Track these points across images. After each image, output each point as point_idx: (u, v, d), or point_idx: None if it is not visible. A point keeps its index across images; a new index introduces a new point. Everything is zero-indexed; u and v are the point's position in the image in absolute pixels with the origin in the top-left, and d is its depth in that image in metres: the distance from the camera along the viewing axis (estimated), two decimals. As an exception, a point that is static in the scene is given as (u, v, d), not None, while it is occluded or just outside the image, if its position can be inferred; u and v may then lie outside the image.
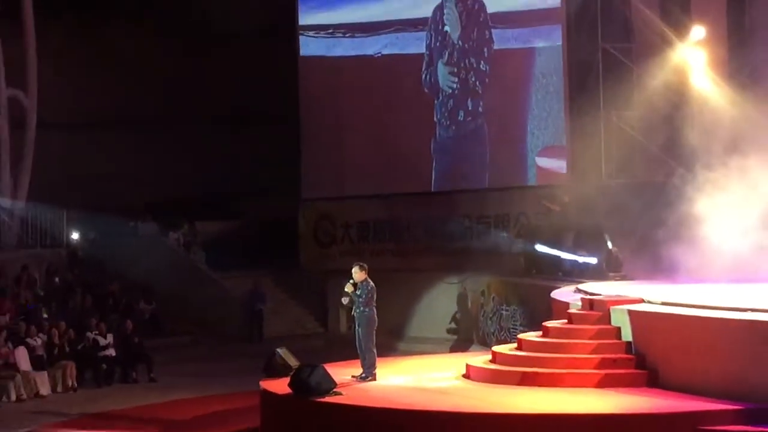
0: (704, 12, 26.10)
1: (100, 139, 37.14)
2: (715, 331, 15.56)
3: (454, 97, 30.81)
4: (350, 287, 17.40)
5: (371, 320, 17.39)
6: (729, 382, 14.95)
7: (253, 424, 18.23)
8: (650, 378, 16.21)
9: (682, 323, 16.15)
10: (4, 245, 32.43)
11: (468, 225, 30.09)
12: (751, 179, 20.17)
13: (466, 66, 30.39)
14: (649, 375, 16.26)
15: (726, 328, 15.45)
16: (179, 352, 28.85)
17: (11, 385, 23.42)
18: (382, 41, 32.49)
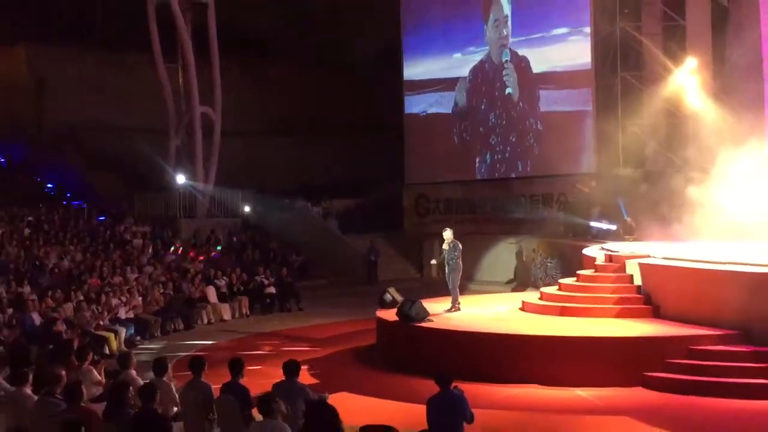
0: (695, 48, 25.64)
1: (265, 141, 37.54)
2: (700, 278, 15.53)
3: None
4: (447, 245, 17.48)
5: (458, 269, 17.60)
6: (711, 314, 14.86)
7: (371, 342, 18.44)
8: (654, 311, 16.19)
9: (676, 272, 16.14)
10: (199, 215, 32.85)
11: (522, 202, 29.96)
12: (728, 168, 19.89)
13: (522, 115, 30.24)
14: (653, 309, 16.23)
15: (708, 276, 15.38)
16: (319, 291, 28.99)
17: (204, 313, 23.92)
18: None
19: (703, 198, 19.88)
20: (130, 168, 34.46)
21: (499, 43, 30.68)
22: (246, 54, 37.78)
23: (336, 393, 12.84)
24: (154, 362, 11.20)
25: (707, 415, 12.32)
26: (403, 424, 9.88)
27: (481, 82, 31.55)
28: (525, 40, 29.79)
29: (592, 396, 13.50)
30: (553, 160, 28.72)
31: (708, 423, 11.85)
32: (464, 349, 15.12)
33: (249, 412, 9.95)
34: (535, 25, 29.46)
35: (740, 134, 20.91)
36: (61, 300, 20.06)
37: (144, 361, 14.95)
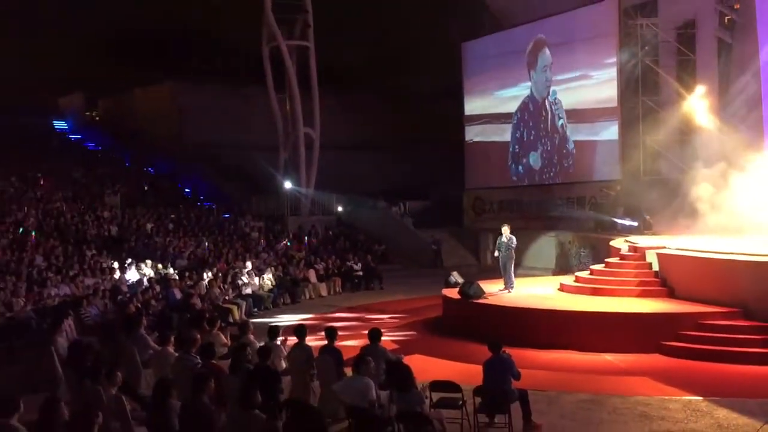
0: (704, 77, 25.03)
1: (353, 154, 37.70)
2: (707, 265, 15.16)
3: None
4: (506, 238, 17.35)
5: (512, 257, 17.38)
6: (717, 295, 14.53)
7: (437, 314, 18.41)
8: (669, 292, 15.86)
9: (687, 260, 15.79)
10: (302, 213, 33.16)
11: (560, 203, 29.63)
12: (731, 175, 19.47)
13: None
14: (668, 291, 15.90)
15: (714, 263, 15.03)
16: (397, 273, 28.90)
17: (306, 290, 24.07)
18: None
19: (709, 200, 19.45)
20: (248, 176, 35.00)
21: (545, 84, 30.44)
22: (338, 85, 38.08)
23: (410, 355, 12.93)
24: (269, 329, 11.38)
25: (712, 377, 12.03)
26: (464, 380, 9.90)
27: (528, 114, 31.33)
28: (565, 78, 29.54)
29: (617, 360, 13.29)
30: (586, 170, 28.37)
31: (712, 383, 11.57)
32: (513, 321, 15.02)
33: (342, 369, 10.04)
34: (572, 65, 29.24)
35: (741, 148, 20.38)
36: (196, 279, 20.49)
37: (260, 328, 15.19)
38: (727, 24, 25.32)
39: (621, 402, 10.70)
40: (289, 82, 32.58)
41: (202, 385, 7.38)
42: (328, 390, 9.61)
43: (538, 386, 11.36)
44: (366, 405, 8.32)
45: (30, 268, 19.47)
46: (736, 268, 14.38)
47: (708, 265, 15.02)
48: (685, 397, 10.87)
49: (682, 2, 25.64)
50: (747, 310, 13.73)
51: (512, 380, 9.62)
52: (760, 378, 11.85)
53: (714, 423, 9.68)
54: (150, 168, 38.07)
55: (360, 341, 11.19)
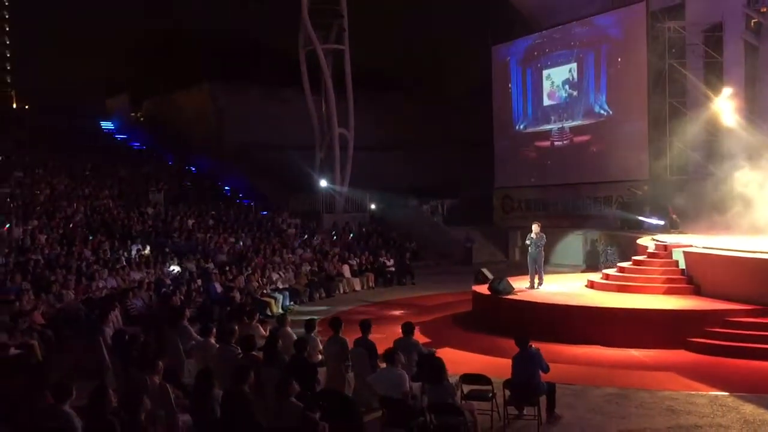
0: (731, 79, 24.75)
1: (386, 154, 37.76)
2: (733, 264, 14.93)
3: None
4: (535, 235, 17.10)
5: (541, 254, 17.22)
6: (742, 293, 14.30)
7: (467, 309, 18.36)
8: (695, 290, 15.65)
9: (714, 259, 15.56)
10: (336, 211, 33.26)
11: (588, 202, 29.39)
12: (757, 172, 19.16)
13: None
14: (695, 288, 15.69)
15: (740, 262, 14.81)
16: (428, 269, 28.83)
17: (340, 285, 24.08)
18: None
19: (736, 200, 19.14)
20: (286, 175, 35.16)
21: (573, 87, 30.30)
22: (371, 87, 38.13)
23: (441, 348, 12.89)
24: (306, 322, 11.43)
25: (738, 373, 11.84)
26: (493, 373, 9.87)
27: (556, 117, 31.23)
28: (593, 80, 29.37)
29: (643, 355, 13.14)
30: (612, 169, 28.12)
31: (738, 379, 11.39)
32: (541, 317, 14.91)
33: (375, 361, 10.06)
34: (600, 67, 28.96)
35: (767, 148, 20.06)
36: (236, 273, 20.63)
37: (296, 320, 15.26)
38: (754, 27, 24.94)
39: (648, 396, 10.58)
40: (324, 84, 32.67)
41: (244, 375, 7.45)
42: (362, 381, 9.64)
43: (566, 380, 11.29)
44: (400, 396, 8.33)
45: (79, 261, 19.77)
46: (763, 266, 14.13)
47: (734, 264, 14.80)
48: (712, 392, 10.72)
49: (709, 5, 25.34)
50: (774, 307, 13.51)
51: (541, 372, 9.56)
52: (786, 374, 11.65)
53: (740, 418, 9.54)
54: (191, 167, 38.43)
55: (394, 334, 11.19)
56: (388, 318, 17.97)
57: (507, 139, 33.59)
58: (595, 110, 29.47)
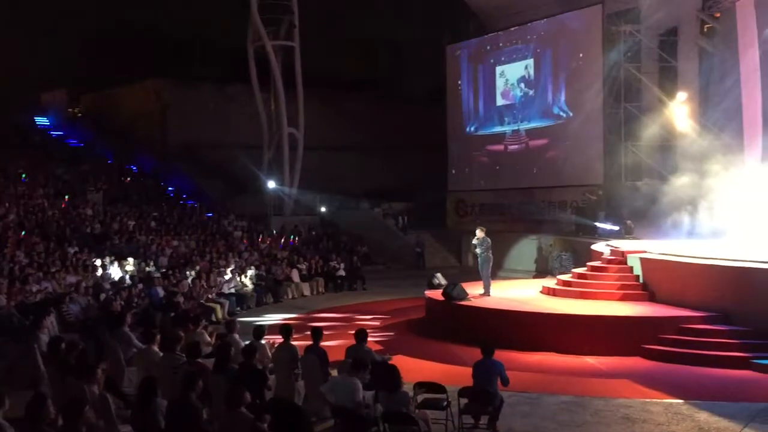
0: (685, 84, 25.39)
1: (338, 155, 37.62)
2: (688, 270, 15.28)
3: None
4: (476, 240, 17.31)
5: (488, 260, 17.29)
6: (697, 299, 14.64)
7: (420, 315, 18.43)
8: (650, 296, 15.95)
9: (668, 265, 15.91)
10: (285, 213, 33.10)
11: (542, 206, 29.73)
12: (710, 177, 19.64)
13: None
14: (649, 294, 15.97)
15: (694, 268, 15.16)
16: (380, 274, 29.02)
17: (289, 290, 24.00)
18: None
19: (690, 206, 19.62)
20: (232, 175, 34.86)
21: (528, 89, 30.59)
22: (324, 86, 38.01)
23: (394, 355, 12.90)
24: (254, 328, 11.31)
25: (693, 380, 12.11)
26: (448, 381, 9.91)
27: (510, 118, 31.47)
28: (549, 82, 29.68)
29: (598, 362, 13.36)
30: (568, 173, 28.49)
31: (693, 386, 11.65)
32: (496, 323, 15.03)
33: (327, 369, 10.01)
34: (555, 70, 29.35)
35: (721, 154, 20.58)
36: (180, 277, 20.36)
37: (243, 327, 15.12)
38: (708, 32, 25.60)
39: (603, 404, 10.75)
40: (273, 82, 32.49)
41: (192, 383, 7.34)
42: (313, 390, 9.58)
43: (521, 388, 11.41)
44: (352, 405, 8.30)
45: (11, 264, 19.24)
46: (717, 273, 14.49)
47: (689, 270, 15.14)
48: (667, 400, 10.94)
49: (664, 10, 25.86)
50: (727, 314, 13.85)
51: (499, 384, 9.64)
52: (740, 382, 11.95)
53: (695, 426, 9.75)
54: (133, 166, 37.78)
55: (345, 341, 11.15)
56: (339, 325, 17.91)
57: (459, 141, 33.80)
58: (553, 111, 29.52)
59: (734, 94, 21.79)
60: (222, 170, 35.31)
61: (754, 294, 13.54)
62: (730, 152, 20.80)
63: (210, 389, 8.46)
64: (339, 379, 8.77)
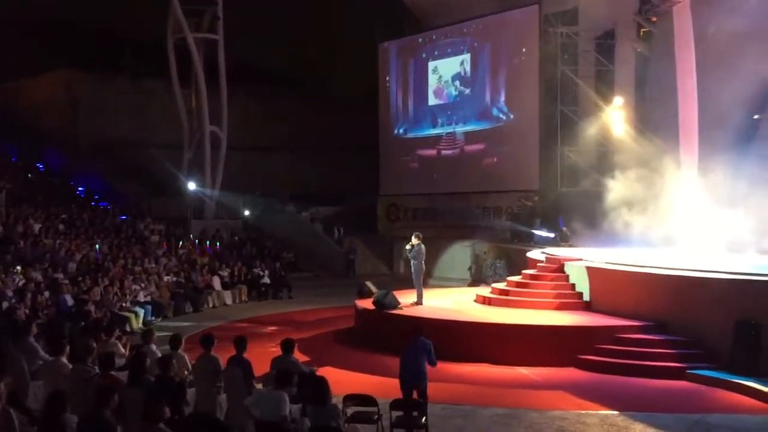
0: (622, 88, 26.00)
1: (263, 156, 37.36)
2: (624, 279, 15.65)
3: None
4: (410, 247, 17.37)
5: (420, 268, 17.38)
6: (633, 308, 14.99)
7: (350, 325, 18.44)
8: (586, 305, 16.28)
9: (605, 273, 16.27)
10: (206, 216, 32.68)
11: (477, 212, 30.02)
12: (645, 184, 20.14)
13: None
14: (585, 303, 16.31)
15: (631, 277, 15.52)
16: (306, 282, 28.96)
17: (209, 298, 23.72)
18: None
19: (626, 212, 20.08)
20: (149, 176, 34.23)
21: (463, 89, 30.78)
22: (251, 83, 37.65)
23: (322, 367, 12.85)
24: (171, 338, 11.10)
25: (628, 391, 12.43)
26: (379, 394, 9.92)
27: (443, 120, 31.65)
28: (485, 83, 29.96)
29: (533, 374, 13.59)
30: (503, 178, 28.86)
31: (628, 398, 11.95)
32: (428, 333, 14.95)
33: (251, 381, 9.89)
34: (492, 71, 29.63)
35: (657, 159, 21.17)
36: (91, 285, 19.86)
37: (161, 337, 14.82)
38: (644, 36, 26.36)
39: (538, 416, 10.93)
40: (195, 77, 32.06)
41: (105, 398, 7.13)
42: (236, 403, 9.44)
43: (454, 400, 11.53)
44: (278, 419, 8.21)
45: None
46: (653, 281, 14.91)
47: (625, 278, 15.54)
48: (602, 411, 11.19)
49: (601, 12, 26.54)
50: (663, 323, 14.26)
51: (427, 365, 10.29)
52: (676, 392, 12.33)
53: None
54: (39, 164, 36.68)
55: (271, 352, 11.04)
56: (264, 334, 17.76)
57: (389, 144, 33.96)
58: (492, 113, 29.55)
59: (671, 98, 22.46)
60: (138, 170, 34.62)
61: (689, 303, 13.99)
62: (667, 157, 21.44)
63: (124, 404, 8.26)
64: (264, 391, 8.67)
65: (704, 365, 13.05)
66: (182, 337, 11.60)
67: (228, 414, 9.65)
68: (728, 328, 12.78)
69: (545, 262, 18.24)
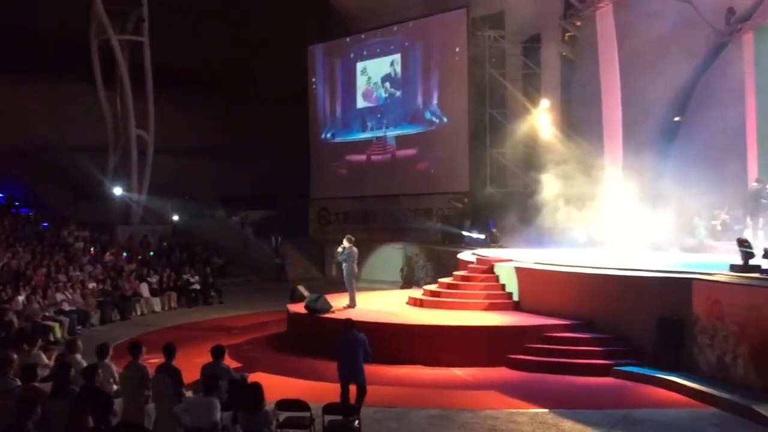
0: (548, 91, 26.52)
1: (192, 159, 36.77)
2: (552, 278, 15.96)
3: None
4: (341, 249, 17.35)
5: (353, 270, 17.36)
6: (560, 307, 15.28)
7: (281, 330, 18.35)
8: (515, 305, 16.54)
9: (532, 273, 16.56)
10: (133, 222, 32.09)
11: (408, 214, 30.14)
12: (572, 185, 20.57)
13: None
14: (514, 303, 16.57)
15: (558, 277, 15.83)
16: (237, 287, 28.69)
17: (137, 306, 23.30)
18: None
19: (554, 213, 20.49)
20: (73, 181, 33.42)
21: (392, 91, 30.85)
22: (178, 86, 37.08)
23: (254, 372, 12.74)
24: (97, 347, 10.85)
25: (557, 388, 12.68)
26: (311, 398, 9.88)
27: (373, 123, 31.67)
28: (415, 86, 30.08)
29: (465, 374, 13.75)
30: (434, 180, 29.07)
31: (557, 395, 12.19)
32: (361, 336, 15.13)
33: (181, 389, 9.74)
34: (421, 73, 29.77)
35: (582, 161, 21.66)
36: (12, 294, 19.32)
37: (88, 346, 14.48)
38: (569, 40, 26.96)
39: (471, 416, 11.05)
40: (120, 79, 31.46)
41: (29, 409, 6.94)
42: (165, 411, 9.29)
43: (387, 403, 11.58)
44: (208, 427, 8.11)
45: None
46: (579, 280, 15.26)
47: (553, 278, 15.85)
48: (532, 409, 11.39)
49: (527, 16, 27.02)
50: (589, 322, 14.59)
51: (363, 359, 10.84)
52: (603, 388, 12.63)
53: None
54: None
55: (201, 359, 10.90)
56: (194, 341, 17.45)
57: (318, 148, 33.87)
58: (425, 116, 29.59)
59: (595, 101, 23.02)
60: (62, 175, 33.74)
61: (614, 301, 14.35)
62: (592, 159, 21.96)
63: (48, 415, 8.06)
64: (194, 398, 8.56)
65: (630, 362, 13.43)
66: (110, 345, 11.35)
67: (157, 423, 9.49)
68: (652, 325, 13.15)
69: (475, 263, 18.47)
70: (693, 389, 11.81)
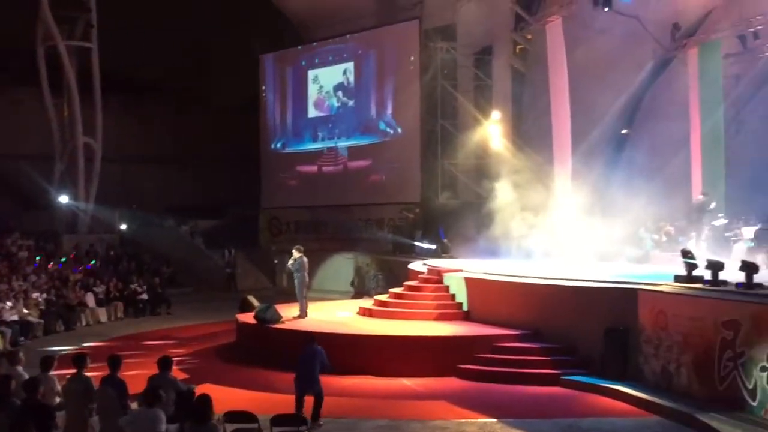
0: (499, 103, 26.77)
1: (141, 168, 36.32)
2: (501, 289, 16.13)
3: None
4: (292, 260, 17.29)
5: (304, 280, 17.31)
6: (509, 318, 15.42)
7: (231, 340, 18.20)
8: (465, 316, 16.65)
9: (482, 283, 16.71)
10: (80, 231, 31.55)
11: (359, 224, 30.10)
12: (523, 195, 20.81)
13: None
14: (465, 314, 16.67)
15: (506, 287, 16.01)
16: (186, 297, 28.33)
17: (83, 316, 22.93)
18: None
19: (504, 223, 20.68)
20: (17, 189, 32.77)
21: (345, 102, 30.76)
22: (127, 93, 36.59)
23: (201, 384, 12.60)
24: (42, 359, 10.61)
25: (506, 398, 12.78)
26: (260, 410, 9.83)
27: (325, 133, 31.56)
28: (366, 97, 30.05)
29: (415, 384, 13.78)
30: (385, 191, 29.09)
31: (506, 405, 12.29)
32: (311, 347, 15.07)
33: (126, 402, 9.59)
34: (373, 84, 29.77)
35: (533, 173, 21.94)
36: (-49, 305, 18.85)
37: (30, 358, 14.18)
38: (520, 53, 27.31)
39: (420, 427, 11.09)
40: (67, 86, 30.94)
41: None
42: (110, 425, 9.13)
43: (336, 413, 11.56)
44: (154, 439, 8.01)
45: None
46: (527, 290, 15.42)
47: (502, 288, 16.00)
48: (481, 419, 11.47)
49: (479, 28, 27.28)
50: (538, 332, 14.74)
51: (321, 370, 11.34)
52: (551, 398, 12.77)
53: (508, 444, 10.29)
54: None
55: (147, 371, 10.74)
56: (141, 352, 17.23)
57: (269, 158, 33.65)
58: (379, 127, 29.42)
59: (546, 113, 23.34)
60: (5, 183, 33.06)
61: (562, 311, 14.52)
62: (542, 171, 22.24)
63: (-13, 430, 7.89)
64: (139, 411, 8.43)
65: (577, 371, 13.59)
66: (54, 357, 11.12)
67: (101, 436, 9.34)
68: (599, 335, 13.32)
69: (426, 274, 18.55)
70: (638, 398, 12.01)
